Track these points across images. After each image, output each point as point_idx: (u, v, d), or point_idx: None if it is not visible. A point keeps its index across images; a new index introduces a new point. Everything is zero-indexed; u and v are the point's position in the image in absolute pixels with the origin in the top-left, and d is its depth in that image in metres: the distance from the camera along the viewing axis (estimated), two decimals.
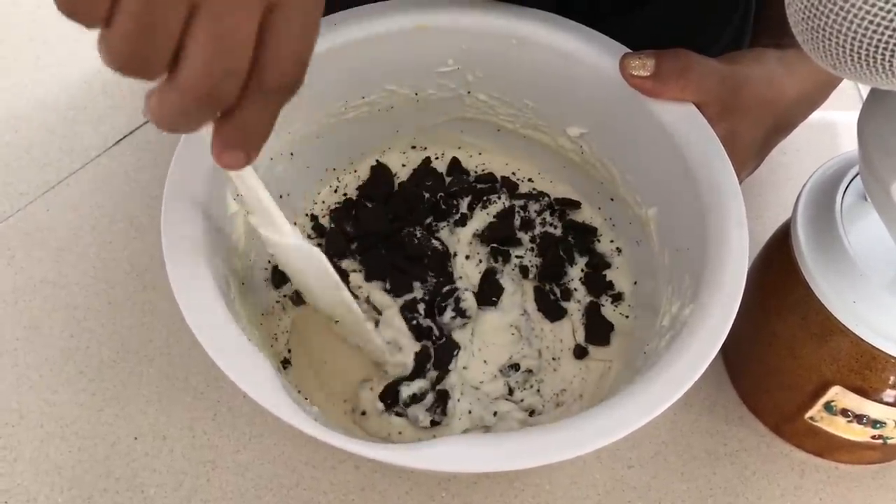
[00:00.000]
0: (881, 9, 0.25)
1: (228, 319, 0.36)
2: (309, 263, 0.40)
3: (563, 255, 0.50)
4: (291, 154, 0.47)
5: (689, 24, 0.53)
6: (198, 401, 0.48)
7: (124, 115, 0.61)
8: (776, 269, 0.44)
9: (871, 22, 0.25)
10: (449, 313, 0.47)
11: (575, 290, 0.49)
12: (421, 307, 0.47)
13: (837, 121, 0.62)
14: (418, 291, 0.48)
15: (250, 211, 0.38)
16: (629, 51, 0.43)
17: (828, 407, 0.43)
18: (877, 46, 0.26)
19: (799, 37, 0.28)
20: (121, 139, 0.60)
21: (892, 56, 0.26)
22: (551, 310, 0.48)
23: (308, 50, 0.28)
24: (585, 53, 0.44)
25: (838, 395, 0.42)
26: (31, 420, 0.48)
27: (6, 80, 0.63)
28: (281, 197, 0.48)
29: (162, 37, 0.25)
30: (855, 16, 0.25)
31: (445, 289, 0.48)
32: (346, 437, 0.33)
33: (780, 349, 0.44)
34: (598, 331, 0.48)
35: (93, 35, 0.26)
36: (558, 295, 0.49)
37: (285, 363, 0.46)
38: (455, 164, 0.53)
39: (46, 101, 0.62)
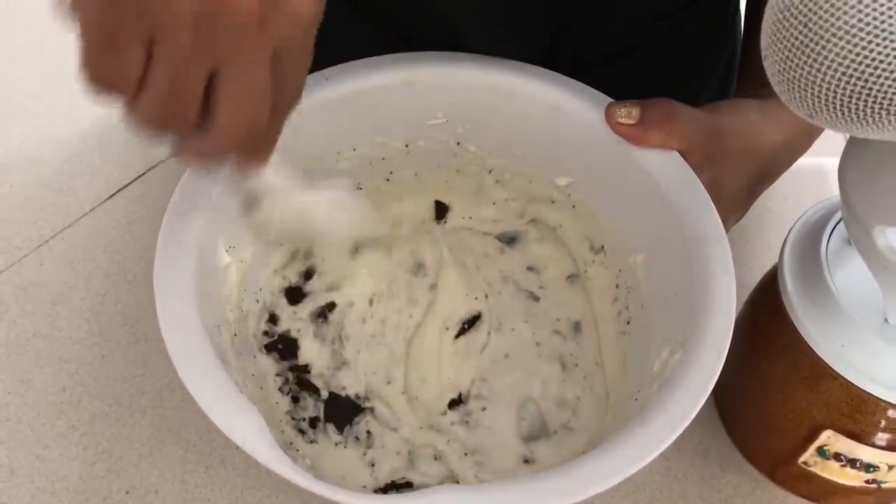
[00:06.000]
0: (853, 61, 0.26)
1: (220, 371, 0.36)
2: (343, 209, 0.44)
3: None
4: None
5: (672, 76, 0.54)
6: (190, 453, 0.48)
7: (118, 169, 0.61)
8: (765, 314, 0.45)
9: (843, 73, 0.26)
10: None
11: None
12: None
13: (823, 166, 0.63)
14: None
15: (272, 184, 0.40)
16: (614, 101, 0.44)
17: (821, 451, 0.43)
18: (850, 97, 0.26)
19: (776, 87, 0.29)
20: (114, 193, 0.60)
21: (865, 106, 0.26)
22: None
23: (307, 68, 0.32)
24: (572, 104, 0.45)
25: (830, 439, 0.42)
26: (22, 475, 0.47)
27: (1, 136, 0.64)
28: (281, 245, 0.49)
29: (191, 98, 0.28)
30: (829, 68, 0.26)
31: None
32: (337, 487, 0.33)
33: (772, 394, 0.44)
34: None
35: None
36: None
37: None
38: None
39: (41, 155, 0.62)
